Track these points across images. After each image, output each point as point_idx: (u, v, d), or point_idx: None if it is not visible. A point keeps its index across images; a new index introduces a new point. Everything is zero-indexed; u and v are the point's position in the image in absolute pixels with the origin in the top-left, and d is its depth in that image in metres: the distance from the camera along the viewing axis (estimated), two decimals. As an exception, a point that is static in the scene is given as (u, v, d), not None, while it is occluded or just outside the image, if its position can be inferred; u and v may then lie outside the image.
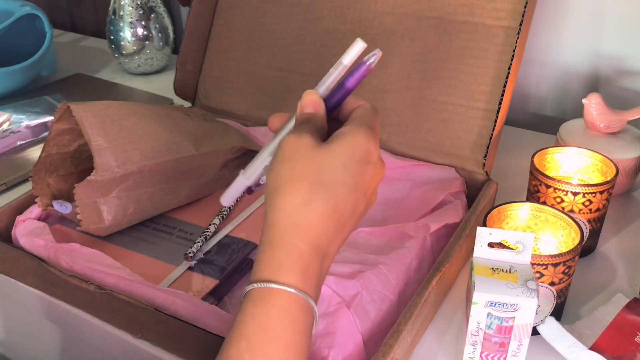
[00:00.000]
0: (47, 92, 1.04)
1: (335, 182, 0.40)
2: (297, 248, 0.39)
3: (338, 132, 0.42)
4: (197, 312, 0.53)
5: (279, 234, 0.39)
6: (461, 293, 0.61)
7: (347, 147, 0.41)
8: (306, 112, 0.44)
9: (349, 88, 0.46)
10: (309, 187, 0.39)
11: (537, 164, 0.63)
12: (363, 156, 0.41)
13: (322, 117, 0.44)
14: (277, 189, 0.40)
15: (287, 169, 0.40)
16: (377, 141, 0.43)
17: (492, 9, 0.70)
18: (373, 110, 0.45)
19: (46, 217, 0.68)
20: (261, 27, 0.85)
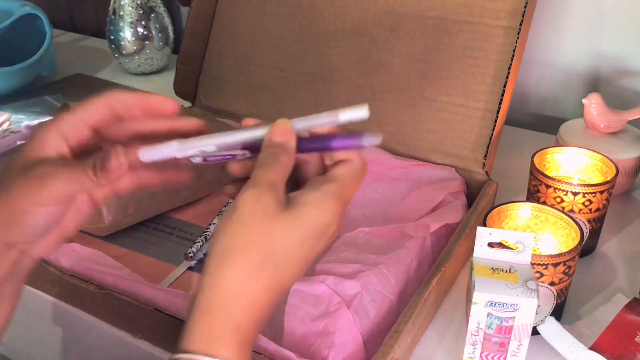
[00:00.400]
0: (47, 92, 1.04)
1: (287, 258, 0.37)
2: (237, 319, 0.36)
3: (305, 196, 0.38)
4: (197, 312, 0.53)
5: (218, 301, 0.36)
6: (461, 293, 0.61)
7: (309, 221, 0.37)
8: (275, 140, 0.40)
9: (333, 148, 0.41)
10: (259, 259, 0.36)
11: (537, 164, 0.63)
12: (324, 231, 0.38)
13: (290, 151, 0.40)
14: (224, 252, 0.36)
15: (239, 233, 0.36)
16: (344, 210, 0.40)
17: (492, 9, 0.70)
18: (360, 170, 0.41)
19: (46, 217, 0.68)
20: (261, 27, 0.85)
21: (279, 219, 0.37)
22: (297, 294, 0.52)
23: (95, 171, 0.40)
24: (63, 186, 0.39)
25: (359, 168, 0.41)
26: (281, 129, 0.40)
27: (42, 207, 0.40)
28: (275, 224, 0.37)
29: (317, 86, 0.80)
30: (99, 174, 0.40)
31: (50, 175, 0.39)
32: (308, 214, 0.38)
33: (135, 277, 0.56)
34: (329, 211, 0.38)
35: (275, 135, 0.40)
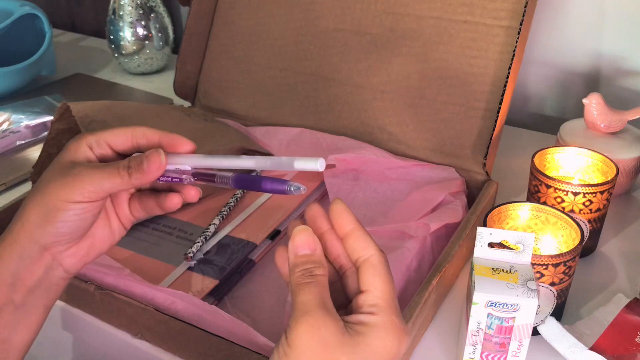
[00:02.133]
0: (47, 92, 1.04)
1: None
2: None
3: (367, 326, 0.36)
4: (197, 312, 0.53)
5: None
6: (461, 293, 0.61)
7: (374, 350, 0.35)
8: (303, 253, 0.38)
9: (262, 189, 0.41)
10: None
11: (538, 164, 0.63)
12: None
13: (322, 261, 0.38)
14: None
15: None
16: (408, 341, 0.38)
17: (492, 8, 0.70)
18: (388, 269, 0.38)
19: (46, 217, 0.68)
20: (261, 27, 0.85)
21: (341, 349, 0.35)
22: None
23: (129, 171, 0.42)
24: (96, 183, 0.41)
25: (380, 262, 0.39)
26: (304, 240, 0.39)
27: (75, 204, 0.41)
28: (337, 355, 0.35)
29: (317, 86, 0.80)
30: (134, 173, 0.42)
31: (85, 174, 0.42)
32: (371, 343, 0.35)
33: (135, 277, 0.56)
34: (394, 340, 0.36)
35: (301, 248, 0.39)
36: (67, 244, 0.43)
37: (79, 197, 0.41)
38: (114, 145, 0.45)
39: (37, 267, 0.43)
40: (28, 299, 0.43)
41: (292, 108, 0.82)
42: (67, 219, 0.42)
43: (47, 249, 0.42)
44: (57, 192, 0.41)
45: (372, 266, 0.38)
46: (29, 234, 0.42)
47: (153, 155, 0.43)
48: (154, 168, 0.42)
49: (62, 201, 0.41)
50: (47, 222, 0.42)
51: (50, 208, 0.41)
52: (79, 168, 0.42)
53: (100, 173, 0.42)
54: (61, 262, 0.44)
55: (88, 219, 0.43)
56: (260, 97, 0.84)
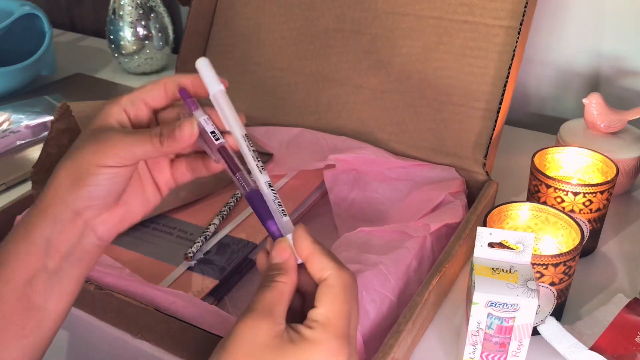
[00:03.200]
0: (47, 91, 1.04)
1: None
2: None
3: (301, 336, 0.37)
4: (197, 312, 0.53)
5: None
6: (461, 293, 0.61)
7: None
8: (273, 261, 0.40)
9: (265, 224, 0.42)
10: None
11: (538, 163, 0.63)
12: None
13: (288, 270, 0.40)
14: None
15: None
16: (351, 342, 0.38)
17: (492, 8, 0.70)
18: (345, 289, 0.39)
19: (46, 217, 0.68)
20: (261, 27, 0.85)
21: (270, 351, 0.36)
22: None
23: (161, 138, 0.42)
24: (128, 149, 0.41)
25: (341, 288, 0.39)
26: (279, 249, 0.41)
27: (106, 168, 0.41)
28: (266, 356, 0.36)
29: (317, 86, 0.80)
30: (166, 141, 0.42)
31: (117, 139, 0.41)
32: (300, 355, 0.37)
33: (135, 277, 0.56)
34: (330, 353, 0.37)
35: (275, 257, 0.41)
36: (100, 209, 0.43)
37: (110, 162, 0.41)
38: (149, 101, 0.45)
39: (70, 232, 0.42)
40: (62, 266, 0.42)
41: (292, 108, 0.82)
42: (98, 182, 0.41)
43: (79, 214, 0.42)
44: (88, 156, 0.41)
45: (326, 285, 0.39)
46: (60, 198, 0.42)
47: (185, 124, 0.42)
48: (186, 136, 0.42)
49: (93, 165, 0.41)
50: (78, 186, 0.41)
51: (82, 172, 0.41)
52: (110, 133, 0.42)
53: (132, 139, 0.42)
54: (94, 229, 0.43)
55: (120, 184, 0.43)
56: (260, 97, 0.84)
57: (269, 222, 0.42)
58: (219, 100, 0.44)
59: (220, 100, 0.44)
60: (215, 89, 0.44)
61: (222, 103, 0.44)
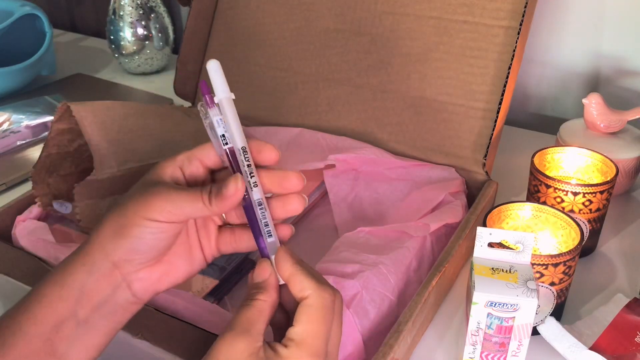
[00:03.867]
0: (47, 92, 1.04)
1: None
2: None
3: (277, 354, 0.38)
4: (197, 312, 0.53)
5: None
6: (461, 293, 0.61)
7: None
8: (253, 281, 0.41)
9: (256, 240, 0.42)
10: None
11: (537, 164, 0.63)
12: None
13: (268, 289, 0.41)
14: None
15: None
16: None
17: (492, 8, 0.70)
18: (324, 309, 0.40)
19: (46, 217, 0.68)
20: (261, 27, 0.85)
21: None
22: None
23: (210, 196, 0.41)
24: (177, 205, 0.40)
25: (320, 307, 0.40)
26: (260, 269, 0.41)
27: (151, 222, 0.40)
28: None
29: (317, 86, 0.80)
30: (214, 199, 0.40)
31: (166, 193, 0.41)
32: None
33: (135, 277, 0.56)
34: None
35: (254, 276, 0.41)
36: (139, 264, 0.41)
37: (157, 216, 0.40)
38: (205, 160, 0.44)
39: (105, 283, 0.41)
40: (92, 316, 0.41)
41: (292, 108, 0.82)
42: (141, 235, 0.40)
43: (118, 267, 0.41)
44: (134, 207, 0.40)
45: (304, 304, 0.40)
46: (101, 247, 0.41)
47: (230, 181, 0.41)
48: (230, 193, 0.40)
49: (138, 217, 0.40)
50: (120, 237, 0.40)
51: (126, 223, 0.40)
52: (160, 187, 0.41)
53: (181, 195, 0.41)
54: (130, 284, 0.42)
55: (164, 240, 0.41)
56: (260, 97, 0.84)
57: (259, 240, 0.42)
58: (225, 107, 0.44)
59: (225, 108, 0.44)
60: (222, 95, 0.44)
61: (227, 110, 0.44)
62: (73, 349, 0.41)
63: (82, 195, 0.60)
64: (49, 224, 0.64)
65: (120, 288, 0.42)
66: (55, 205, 0.65)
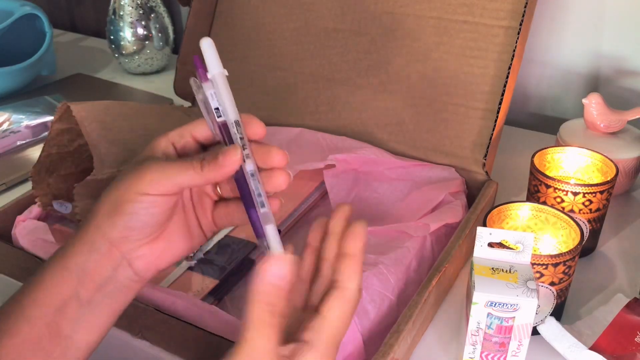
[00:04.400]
0: (47, 92, 1.04)
1: None
2: None
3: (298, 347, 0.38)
4: (197, 312, 0.53)
5: None
6: (461, 293, 0.61)
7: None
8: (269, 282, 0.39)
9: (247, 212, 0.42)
10: None
11: (537, 163, 0.63)
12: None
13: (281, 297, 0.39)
14: None
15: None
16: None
17: (492, 8, 0.70)
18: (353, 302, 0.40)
19: (46, 217, 0.68)
20: (261, 27, 0.85)
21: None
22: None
23: (202, 163, 0.40)
24: (169, 177, 0.40)
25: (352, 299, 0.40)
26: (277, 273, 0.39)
27: (144, 196, 0.40)
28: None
29: (317, 86, 0.80)
30: (207, 166, 0.40)
31: (158, 166, 0.41)
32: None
33: (135, 277, 0.56)
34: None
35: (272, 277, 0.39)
36: (137, 241, 0.41)
37: (149, 189, 0.40)
38: (197, 135, 0.44)
39: (105, 263, 0.41)
40: (95, 297, 0.41)
41: (292, 108, 0.82)
42: (135, 211, 0.40)
43: (116, 245, 0.41)
44: (126, 183, 0.40)
45: (342, 297, 0.40)
46: (97, 226, 0.41)
47: (229, 150, 0.41)
48: (229, 162, 0.40)
49: (131, 192, 0.40)
50: (115, 214, 0.40)
51: (120, 200, 0.40)
52: (152, 161, 0.41)
53: (172, 165, 0.41)
54: (131, 262, 0.42)
55: (158, 215, 0.41)
56: (260, 97, 0.84)
57: (250, 211, 0.42)
58: (218, 81, 0.44)
59: (218, 82, 0.44)
60: (215, 70, 0.44)
61: (220, 85, 0.44)
62: (78, 330, 0.41)
63: (82, 195, 0.60)
64: (49, 224, 0.64)
65: (121, 266, 0.41)
66: (55, 205, 0.65)
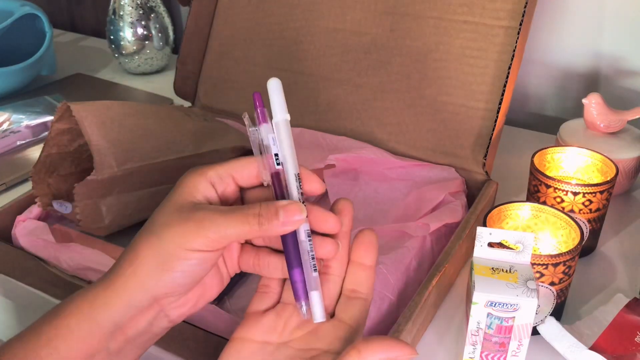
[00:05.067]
0: (47, 92, 1.04)
1: None
2: None
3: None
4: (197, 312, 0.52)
5: None
6: (461, 293, 0.61)
7: None
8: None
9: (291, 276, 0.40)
10: None
11: (537, 163, 0.63)
12: None
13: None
14: None
15: None
16: None
17: (492, 8, 0.70)
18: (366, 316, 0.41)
19: (46, 217, 0.68)
20: (261, 27, 0.85)
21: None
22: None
23: (260, 219, 0.37)
24: (222, 231, 0.37)
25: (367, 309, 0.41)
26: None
27: (195, 253, 0.37)
28: None
29: (317, 86, 0.80)
30: (265, 223, 0.37)
31: (209, 220, 0.37)
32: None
33: (135, 277, 0.56)
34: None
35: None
36: (180, 295, 0.39)
37: (202, 246, 0.36)
38: (238, 179, 0.40)
39: (143, 318, 0.38)
40: (124, 347, 0.39)
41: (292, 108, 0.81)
42: (185, 268, 0.37)
43: (158, 301, 0.38)
44: (176, 238, 0.36)
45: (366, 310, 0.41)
46: (141, 282, 0.37)
47: (293, 206, 0.37)
48: (291, 221, 0.37)
49: (181, 249, 0.36)
50: (163, 271, 0.37)
51: (168, 256, 0.37)
52: (202, 213, 0.37)
53: (227, 220, 0.37)
54: (168, 313, 0.39)
55: (206, 269, 0.38)
56: (260, 97, 0.84)
57: (294, 271, 0.39)
58: (281, 129, 0.41)
59: (282, 130, 0.41)
60: (280, 117, 0.41)
61: (282, 133, 0.41)
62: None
63: (82, 195, 0.60)
64: (49, 224, 0.64)
65: (158, 318, 0.39)
66: (55, 205, 0.65)
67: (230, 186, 0.40)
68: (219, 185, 0.40)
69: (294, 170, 0.40)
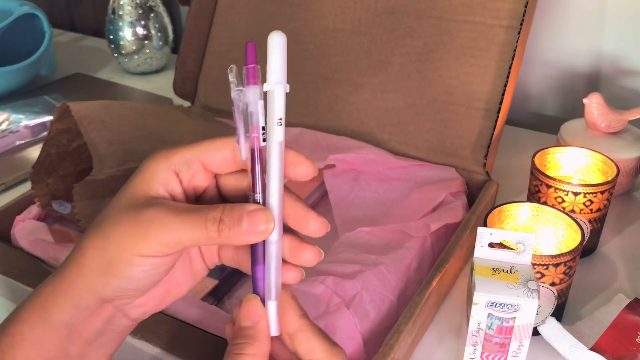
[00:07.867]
0: (47, 91, 1.04)
1: None
2: None
3: None
4: (197, 312, 0.52)
5: None
6: (462, 293, 0.61)
7: None
8: (241, 324, 0.34)
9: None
10: None
11: (538, 163, 0.63)
12: None
13: (259, 337, 0.34)
14: None
15: None
16: None
17: (492, 8, 0.69)
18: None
19: (45, 217, 0.68)
20: (261, 27, 0.84)
21: None
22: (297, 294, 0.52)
23: (220, 226, 0.32)
24: (175, 237, 0.32)
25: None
26: (248, 309, 0.34)
27: (146, 259, 0.33)
28: None
29: (317, 86, 0.80)
30: (225, 231, 0.32)
31: (161, 222, 0.32)
32: None
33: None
34: None
35: (243, 319, 0.34)
36: (134, 297, 0.35)
37: (151, 251, 0.32)
38: (210, 165, 0.35)
39: (96, 319, 0.35)
40: (86, 351, 0.36)
41: (292, 108, 0.81)
42: (134, 275, 0.33)
43: (109, 302, 0.35)
44: (124, 241, 0.33)
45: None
46: (87, 283, 0.34)
47: (259, 213, 0.32)
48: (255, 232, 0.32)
49: (129, 254, 0.33)
50: (109, 275, 0.33)
51: (114, 260, 0.33)
52: (155, 212, 0.33)
53: (181, 222, 0.32)
54: (127, 313, 0.36)
55: (159, 275, 0.34)
56: (260, 97, 0.84)
57: (257, 268, 0.34)
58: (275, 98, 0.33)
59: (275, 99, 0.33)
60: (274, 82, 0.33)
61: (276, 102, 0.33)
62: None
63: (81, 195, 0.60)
64: (48, 224, 0.64)
65: (115, 318, 0.36)
66: (54, 206, 0.64)
67: (199, 174, 0.35)
68: (185, 173, 0.34)
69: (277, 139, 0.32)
